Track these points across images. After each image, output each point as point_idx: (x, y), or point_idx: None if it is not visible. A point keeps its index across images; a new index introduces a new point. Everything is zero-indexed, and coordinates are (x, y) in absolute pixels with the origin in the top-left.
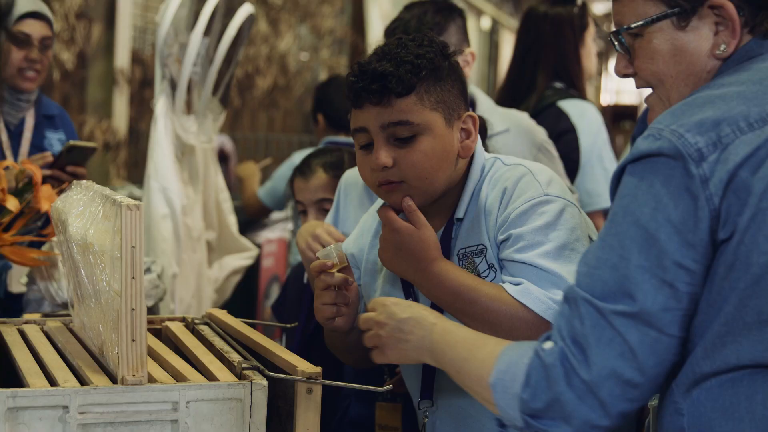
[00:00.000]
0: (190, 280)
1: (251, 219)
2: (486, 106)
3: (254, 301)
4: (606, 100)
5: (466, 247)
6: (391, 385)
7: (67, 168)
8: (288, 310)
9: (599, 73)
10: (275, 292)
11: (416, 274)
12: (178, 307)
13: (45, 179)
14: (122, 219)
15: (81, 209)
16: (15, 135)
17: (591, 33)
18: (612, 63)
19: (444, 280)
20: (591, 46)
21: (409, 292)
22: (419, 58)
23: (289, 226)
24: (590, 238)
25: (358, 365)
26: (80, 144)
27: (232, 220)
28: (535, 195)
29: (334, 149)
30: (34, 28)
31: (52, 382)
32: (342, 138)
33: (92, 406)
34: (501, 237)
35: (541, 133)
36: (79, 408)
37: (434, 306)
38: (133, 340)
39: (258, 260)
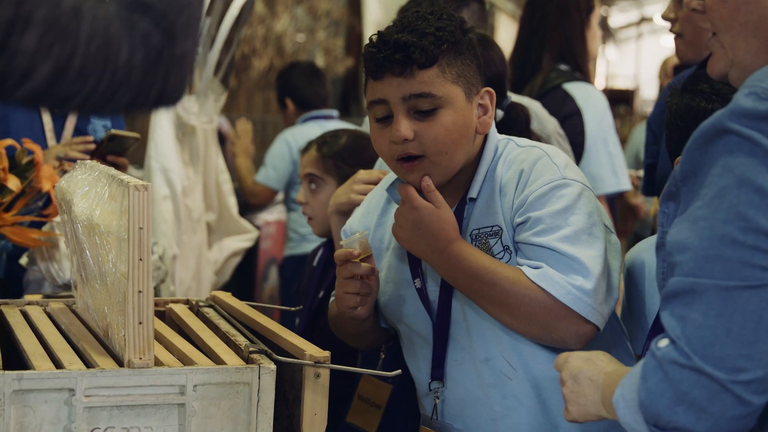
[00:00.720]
0: (190, 262)
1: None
2: None
3: (252, 283)
4: (599, 84)
5: (480, 228)
6: (399, 371)
7: (107, 157)
8: (302, 292)
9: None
10: (273, 274)
11: (434, 254)
12: (177, 288)
13: None
14: (130, 199)
15: (86, 189)
16: (58, 118)
17: (596, 15)
18: (607, 48)
19: (462, 261)
20: (596, 28)
21: (417, 272)
22: (440, 31)
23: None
24: (604, 225)
25: (366, 348)
26: (122, 133)
27: (232, 202)
28: (553, 178)
29: (340, 132)
30: None
31: (57, 364)
32: (314, 113)
33: (98, 389)
34: (518, 219)
35: (552, 123)
36: (86, 391)
37: (444, 284)
38: (140, 323)
39: (256, 242)
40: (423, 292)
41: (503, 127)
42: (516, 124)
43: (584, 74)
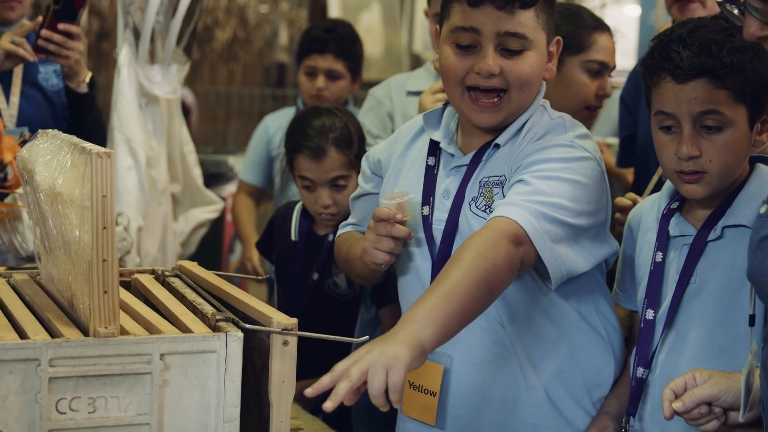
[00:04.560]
0: (156, 234)
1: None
2: None
3: (219, 255)
4: None
5: (490, 177)
6: (367, 336)
7: (58, 26)
8: (278, 256)
9: None
10: (240, 246)
11: (415, 336)
12: (143, 260)
13: (36, 46)
14: (92, 167)
15: (48, 158)
16: (5, 76)
17: None
18: None
19: (434, 314)
20: None
21: (428, 200)
22: None
23: None
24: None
25: (366, 283)
26: None
27: (197, 173)
28: (560, 139)
29: (328, 112)
30: None
31: (22, 334)
32: None
33: (64, 360)
34: (515, 168)
35: None
36: (51, 361)
37: (449, 222)
38: (105, 292)
39: (222, 214)
40: (428, 220)
41: None
42: None
43: None
